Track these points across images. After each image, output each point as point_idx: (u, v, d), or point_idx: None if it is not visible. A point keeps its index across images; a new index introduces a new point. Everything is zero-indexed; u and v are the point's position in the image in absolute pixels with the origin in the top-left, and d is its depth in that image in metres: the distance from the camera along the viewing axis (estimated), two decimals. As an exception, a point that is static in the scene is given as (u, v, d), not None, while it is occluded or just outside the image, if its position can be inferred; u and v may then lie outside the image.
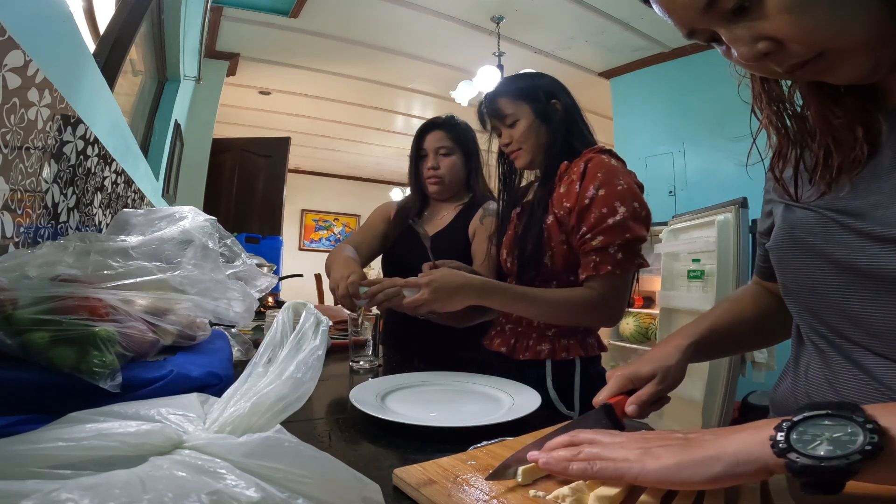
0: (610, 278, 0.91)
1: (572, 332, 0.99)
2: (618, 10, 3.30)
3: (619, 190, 0.90)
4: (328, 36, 3.71)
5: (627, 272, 0.92)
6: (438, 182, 1.35)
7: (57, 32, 0.90)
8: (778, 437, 0.33)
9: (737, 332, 0.68)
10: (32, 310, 0.48)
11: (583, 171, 0.93)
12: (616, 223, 0.89)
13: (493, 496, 0.42)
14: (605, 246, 0.90)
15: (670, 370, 0.61)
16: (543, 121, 1.01)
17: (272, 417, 0.36)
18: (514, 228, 1.05)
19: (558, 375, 0.96)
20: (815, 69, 0.42)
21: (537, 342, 0.99)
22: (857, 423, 0.32)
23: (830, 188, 0.47)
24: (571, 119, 1.03)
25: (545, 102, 1.02)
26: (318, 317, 0.43)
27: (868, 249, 0.42)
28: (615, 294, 0.93)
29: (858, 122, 0.45)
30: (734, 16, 0.41)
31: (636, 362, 0.64)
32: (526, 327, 1.01)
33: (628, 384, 0.61)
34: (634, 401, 0.59)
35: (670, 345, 0.65)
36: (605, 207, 0.90)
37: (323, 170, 7.67)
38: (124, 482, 0.27)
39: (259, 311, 1.35)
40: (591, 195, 0.91)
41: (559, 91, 1.04)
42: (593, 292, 0.92)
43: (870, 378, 0.44)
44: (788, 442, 0.33)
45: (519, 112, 1.02)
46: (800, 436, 0.33)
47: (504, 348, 1.03)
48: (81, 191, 1.09)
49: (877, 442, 0.30)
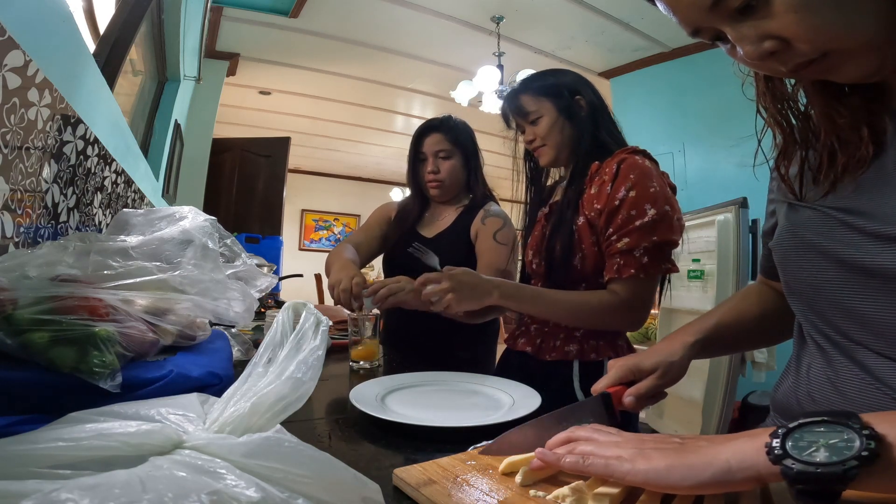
0: (633, 282, 0.89)
1: (601, 332, 0.97)
2: (618, 10, 3.30)
3: (651, 192, 0.88)
4: (328, 36, 3.71)
5: (653, 277, 0.90)
6: (439, 186, 1.34)
7: (57, 32, 0.90)
8: (774, 443, 0.33)
9: (742, 330, 0.67)
10: (32, 310, 0.48)
11: (615, 171, 0.91)
12: (643, 225, 0.87)
13: (493, 496, 0.42)
14: (631, 249, 0.88)
15: (673, 366, 0.62)
16: (567, 117, 1.00)
17: (272, 417, 0.36)
18: (542, 229, 1.03)
19: (586, 376, 0.95)
20: (821, 68, 0.42)
21: (565, 343, 0.97)
22: (854, 430, 0.31)
23: (835, 188, 0.47)
24: (597, 115, 1.01)
25: (569, 99, 1.00)
26: (318, 317, 0.43)
27: (872, 247, 0.42)
28: (637, 298, 0.90)
29: (863, 121, 0.45)
30: (740, 14, 0.41)
31: (640, 354, 0.64)
32: (553, 327, 1.00)
33: (629, 375, 0.61)
34: (633, 392, 0.59)
35: (676, 340, 0.65)
36: (633, 209, 0.88)
37: (323, 170, 7.67)
38: (124, 482, 0.27)
39: (259, 311, 1.35)
40: (621, 196, 0.89)
41: (583, 87, 1.02)
42: (614, 296, 0.90)
43: (872, 378, 0.44)
44: (784, 448, 0.32)
45: (542, 109, 1.00)
46: (795, 442, 0.33)
47: (529, 348, 1.01)
48: (81, 191, 1.09)
49: (873, 448, 0.30)
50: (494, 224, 1.29)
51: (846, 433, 0.32)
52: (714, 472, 0.35)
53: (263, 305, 1.86)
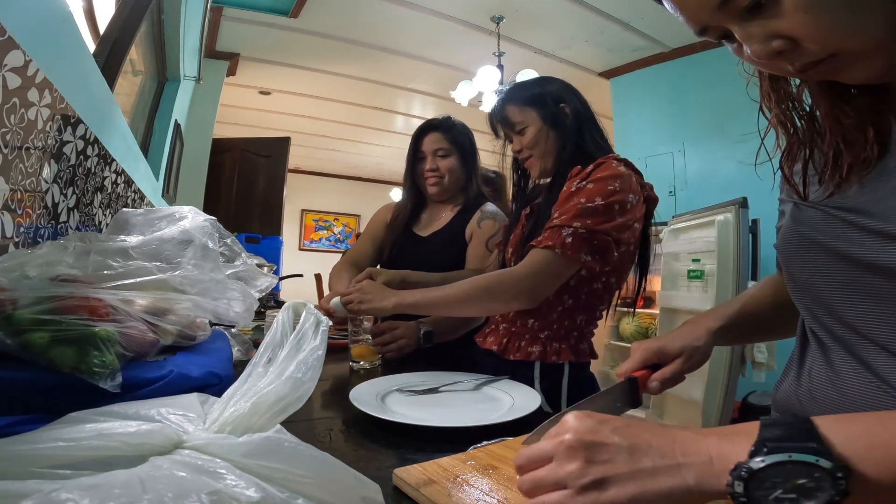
0: (543, 253, 0.88)
1: (565, 335, 0.98)
2: (618, 10, 3.29)
3: (608, 189, 0.88)
4: (328, 36, 3.71)
5: (566, 259, 0.87)
6: (438, 182, 1.35)
7: (57, 32, 0.90)
8: (736, 487, 0.31)
9: (762, 319, 0.68)
10: (32, 310, 0.48)
11: (589, 172, 0.92)
12: (584, 208, 0.87)
13: (493, 496, 0.42)
14: (562, 225, 0.88)
15: (697, 350, 0.62)
16: (552, 126, 1.01)
17: (272, 417, 0.36)
18: (522, 229, 1.05)
19: (546, 378, 0.96)
20: (828, 69, 0.42)
21: (529, 343, 0.99)
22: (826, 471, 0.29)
23: (839, 188, 0.47)
24: (581, 123, 1.02)
25: (553, 107, 1.01)
26: (318, 317, 0.43)
27: (875, 244, 0.42)
28: (539, 272, 0.89)
29: (869, 122, 0.45)
30: (748, 13, 0.41)
31: (664, 337, 0.64)
32: (520, 327, 1.01)
33: (654, 358, 0.61)
34: (658, 378, 0.59)
35: (701, 326, 0.65)
36: (584, 197, 0.88)
37: (323, 170, 7.67)
38: (124, 482, 0.27)
39: (259, 311, 1.35)
40: (579, 185, 0.90)
41: (568, 95, 1.03)
42: (511, 269, 0.92)
43: (872, 375, 0.44)
44: (748, 494, 0.31)
45: (527, 119, 1.02)
46: (759, 483, 0.31)
47: (496, 347, 1.03)
48: (81, 191, 1.09)
49: (843, 489, 0.29)
50: (489, 228, 1.30)
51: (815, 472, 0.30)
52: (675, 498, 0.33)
53: (263, 305, 1.86)
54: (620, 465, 0.35)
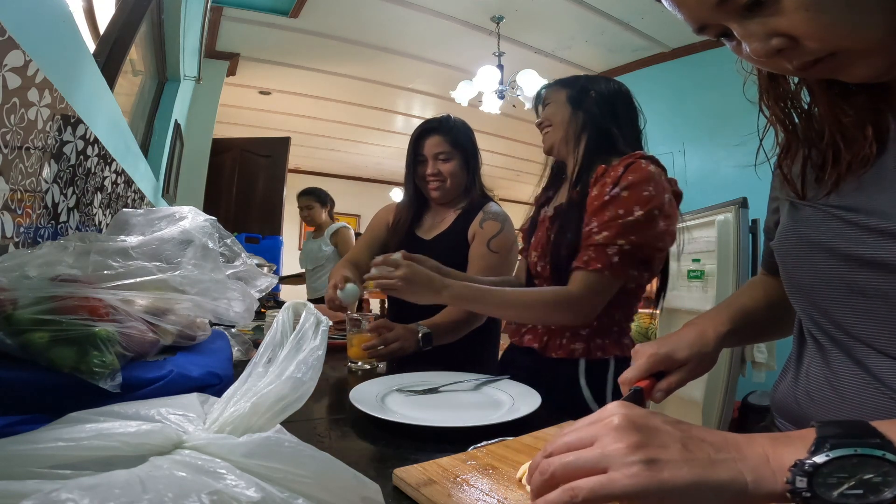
0: (595, 276, 0.89)
1: (607, 331, 0.98)
2: (618, 10, 3.29)
3: (643, 195, 0.88)
4: (328, 36, 3.71)
5: (615, 279, 0.90)
6: (440, 187, 1.33)
7: (57, 32, 0.90)
8: (798, 483, 0.30)
9: (759, 320, 0.67)
10: (32, 310, 0.48)
11: (619, 175, 0.90)
12: (626, 223, 0.87)
13: (493, 496, 0.42)
14: (607, 243, 0.88)
15: (706, 357, 0.60)
16: (575, 105, 1.03)
17: (272, 417, 0.36)
18: (547, 232, 1.03)
19: (592, 374, 0.96)
20: (828, 67, 0.41)
21: (571, 340, 0.98)
22: (893, 465, 0.29)
23: (837, 186, 0.47)
24: (607, 110, 1.02)
25: (580, 92, 1.04)
26: (318, 317, 0.43)
27: (872, 242, 0.42)
28: (592, 294, 0.90)
29: (868, 121, 0.45)
30: (748, 11, 0.41)
31: (669, 342, 0.60)
32: (559, 326, 1.00)
33: (660, 366, 0.58)
34: (664, 388, 0.57)
35: (709, 329, 0.62)
36: (622, 208, 0.88)
37: (323, 170, 7.66)
38: (124, 482, 0.27)
39: (259, 311, 1.35)
40: (614, 193, 0.89)
41: (602, 87, 1.04)
42: (568, 290, 0.90)
43: (870, 377, 0.44)
44: (812, 489, 0.30)
45: (556, 95, 1.06)
46: (824, 479, 0.30)
47: (536, 344, 1.02)
48: (81, 191, 1.09)
49: None
50: (491, 229, 1.29)
51: (884, 465, 0.29)
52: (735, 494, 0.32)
53: (263, 305, 1.86)
54: (674, 451, 0.33)
